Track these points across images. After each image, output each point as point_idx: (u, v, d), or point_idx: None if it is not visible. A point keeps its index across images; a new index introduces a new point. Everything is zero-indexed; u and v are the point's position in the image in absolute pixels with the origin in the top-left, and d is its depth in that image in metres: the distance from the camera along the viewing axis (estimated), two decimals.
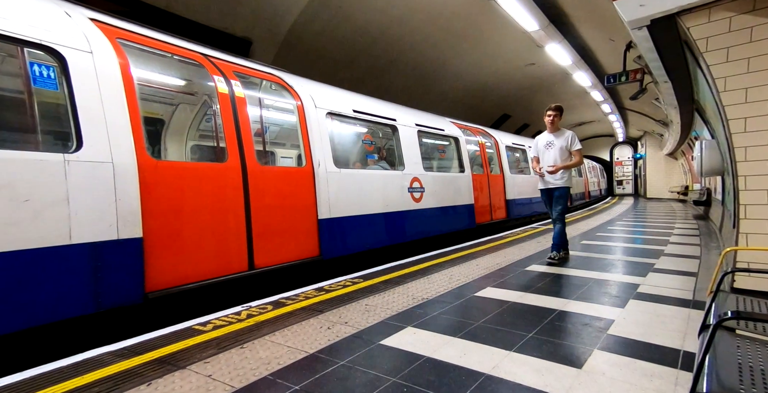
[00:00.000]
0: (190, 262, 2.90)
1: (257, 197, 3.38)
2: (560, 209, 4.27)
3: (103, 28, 2.75)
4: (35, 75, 2.36)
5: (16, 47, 2.30)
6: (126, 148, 2.58)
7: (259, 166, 3.44)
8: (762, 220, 2.84)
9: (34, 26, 2.32)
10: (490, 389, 1.68)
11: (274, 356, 2.02)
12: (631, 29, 3.65)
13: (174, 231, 2.82)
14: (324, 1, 6.54)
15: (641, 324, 2.40)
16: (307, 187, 3.88)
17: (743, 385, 1.05)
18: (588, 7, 6.73)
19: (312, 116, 4.05)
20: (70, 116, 2.40)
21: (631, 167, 25.14)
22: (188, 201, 2.91)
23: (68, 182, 2.30)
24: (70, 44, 2.46)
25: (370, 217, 4.57)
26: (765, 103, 2.78)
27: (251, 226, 3.33)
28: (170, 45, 3.18)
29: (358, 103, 4.99)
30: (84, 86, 2.45)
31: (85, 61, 2.49)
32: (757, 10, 2.75)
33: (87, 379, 1.81)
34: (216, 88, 3.27)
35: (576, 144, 4.18)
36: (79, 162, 2.36)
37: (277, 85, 4.01)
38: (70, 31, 2.51)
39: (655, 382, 1.70)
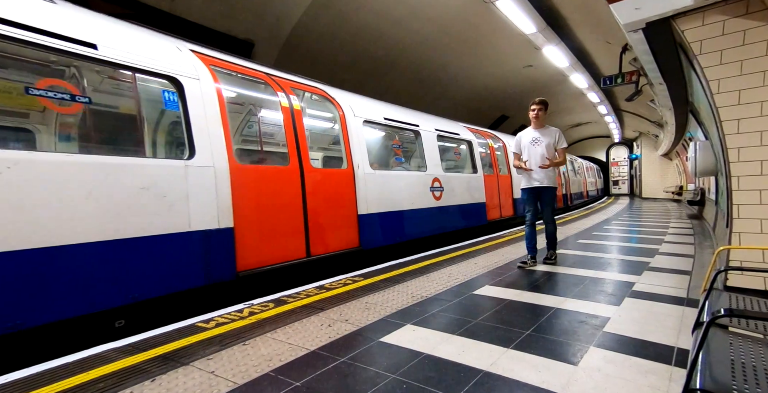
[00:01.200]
0: (265, 249, 3.41)
1: (311, 195, 3.86)
2: (551, 210, 4.06)
3: (201, 58, 3.32)
4: (166, 99, 3.00)
5: (165, 80, 2.92)
6: (222, 154, 3.11)
7: (312, 168, 3.92)
8: (754, 219, 2.85)
9: (163, 61, 2.91)
10: (488, 386, 1.68)
11: (276, 353, 2.02)
12: (627, 32, 3.66)
13: (253, 223, 3.32)
14: (325, 4, 6.54)
15: (636, 321, 2.40)
16: (349, 187, 4.35)
17: (735, 381, 1.06)
18: (585, 10, 6.74)
19: (352, 124, 4.53)
20: (185, 131, 2.95)
21: (627, 168, 25.17)
22: (262, 198, 3.41)
23: (188, 183, 2.86)
24: (185, 73, 3.03)
25: (399, 214, 5.06)
26: (758, 105, 2.79)
27: (307, 220, 3.82)
28: (244, 67, 3.73)
29: (388, 111, 5.48)
30: (195, 106, 3.01)
31: (195, 86, 3.06)
32: (750, 13, 2.76)
33: (92, 375, 1.81)
34: (279, 102, 3.82)
35: (562, 142, 4.03)
36: (193, 167, 2.91)
37: (322, 97, 4.48)
38: (184, 63, 3.08)
39: (649, 379, 1.71)
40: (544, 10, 6.78)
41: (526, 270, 3.86)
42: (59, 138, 3.00)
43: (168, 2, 5.46)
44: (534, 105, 4.00)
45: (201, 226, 2.91)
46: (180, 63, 3.03)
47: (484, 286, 3.31)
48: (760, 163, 2.81)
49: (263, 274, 3.34)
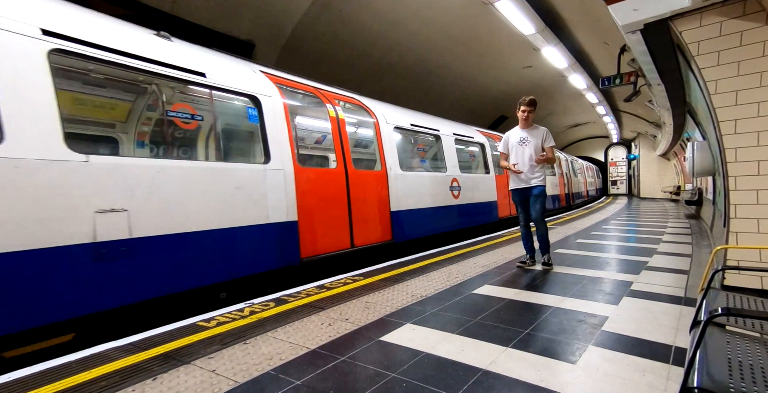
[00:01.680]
0: (320, 239, 3.95)
1: (354, 194, 4.37)
2: (540, 209, 3.88)
3: (270, 77, 3.86)
4: (249, 114, 3.55)
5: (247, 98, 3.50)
6: (288, 159, 3.64)
7: (354, 170, 4.45)
8: (751, 219, 2.86)
9: (247, 82, 3.50)
10: (487, 384, 1.68)
11: (277, 352, 2.02)
12: (625, 33, 3.66)
13: (311, 217, 3.84)
14: (325, 5, 6.54)
15: (634, 320, 2.41)
16: (383, 186, 4.87)
17: (732, 379, 1.06)
18: (583, 11, 6.74)
19: (384, 130, 5.05)
20: (262, 139, 3.51)
21: (625, 168, 25.18)
22: (316, 196, 3.92)
23: (266, 183, 3.40)
24: (262, 92, 3.58)
25: (424, 211, 5.54)
26: (755, 106, 2.79)
27: (351, 216, 4.33)
28: (299, 83, 4.25)
29: (413, 118, 6.02)
30: (269, 118, 3.56)
31: (268, 102, 3.62)
32: (747, 15, 2.77)
33: (94, 374, 1.81)
34: (327, 112, 4.36)
35: (550, 140, 3.89)
36: (270, 170, 3.45)
37: (359, 107, 4.98)
38: (260, 83, 3.65)
39: (647, 377, 1.71)
40: (543, 11, 6.78)
41: (525, 269, 3.86)
42: (182, 149, 3.71)
43: (169, 3, 5.46)
44: (524, 106, 3.85)
45: (276, 219, 3.48)
46: (257, 83, 3.63)
47: (483, 285, 3.31)
48: (757, 163, 2.82)
49: (318, 261, 3.89)
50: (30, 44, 2.27)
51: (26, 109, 2.19)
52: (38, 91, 2.27)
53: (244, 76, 3.54)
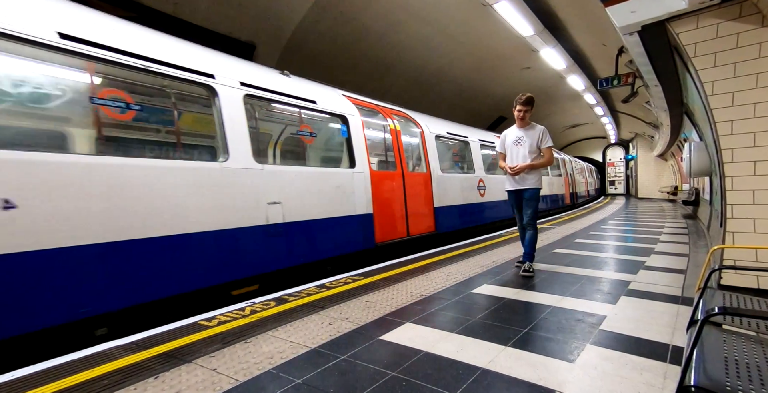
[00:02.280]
0: (386, 228, 4.90)
1: (408, 192, 5.35)
2: (532, 213, 3.68)
3: (349, 99, 4.83)
4: (342, 130, 4.54)
5: (339, 118, 4.50)
6: (366, 163, 4.63)
7: (408, 172, 5.45)
8: (748, 219, 2.86)
9: (339, 105, 4.53)
10: (486, 383, 1.68)
11: (277, 351, 2.03)
12: (623, 35, 3.67)
13: (380, 210, 4.79)
14: (325, 7, 6.54)
15: (632, 320, 2.41)
16: (428, 186, 5.83)
17: (729, 378, 1.06)
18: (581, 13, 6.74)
19: (428, 138, 6.03)
20: (348, 149, 4.53)
21: (623, 168, 25.19)
22: (384, 193, 4.90)
23: (353, 183, 4.41)
24: (348, 112, 4.59)
25: (458, 206, 6.54)
26: (751, 107, 2.79)
27: (407, 209, 5.30)
28: (368, 103, 5.25)
29: (449, 127, 7.04)
30: (353, 133, 4.56)
31: (352, 119, 4.60)
32: (743, 17, 2.77)
33: (97, 372, 1.81)
34: (388, 125, 5.42)
35: (547, 141, 3.62)
36: (355, 173, 4.47)
37: (408, 119, 5.98)
38: (346, 105, 4.64)
39: (645, 376, 1.71)
40: (542, 13, 6.79)
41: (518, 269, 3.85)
42: (305, 158, 4.76)
43: (171, 5, 5.46)
44: (520, 105, 3.62)
45: (360, 211, 4.47)
46: (345, 105, 4.63)
47: (482, 284, 3.31)
48: (753, 163, 2.82)
49: (386, 246, 4.87)
50: (236, 93, 3.31)
51: (236, 137, 3.23)
52: (240, 124, 3.28)
53: (336, 101, 4.57)
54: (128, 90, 2.78)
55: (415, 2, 6.91)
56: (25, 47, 2.23)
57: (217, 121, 3.13)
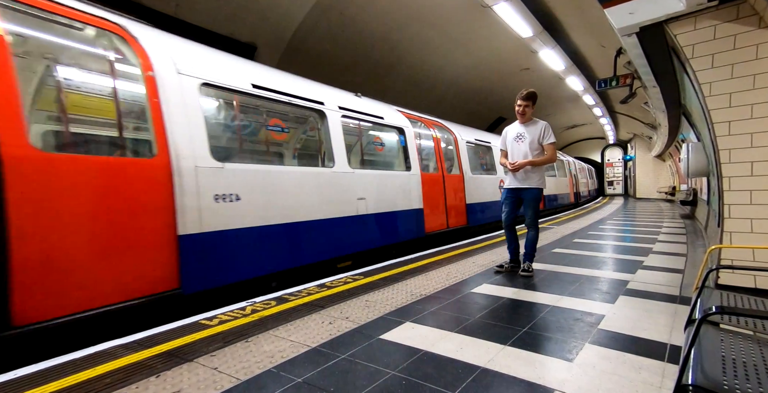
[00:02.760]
0: (432, 221, 5.85)
1: (447, 190, 6.33)
2: (533, 214, 3.55)
3: (403, 113, 5.83)
4: (400, 140, 5.54)
5: (397, 130, 5.52)
6: (418, 167, 5.62)
7: (447, 174, 6.42)
8: (745, 219, 2.86)
9: (398, 119, 5.55)
10: (485, 382, 1.69)
11: (278, 350, 2.03)
12: (621, 36, 3.67)
13: (428, 206, 5.73)
14: (326, 8, 6.54)
15: (630, 319, 2.41)
16: (461, 185, 6.81)
17: (726, 376, 1.06)
18: (580, 14, 6.75)
19: (461, 144, 7.02)
20: (404, 156, 5.54)
21: (621, 168, 25.19)
22: (430, 191, 5.84)
23: (410, 183, 5.41)
24: (404, 125, 5.59)
25: (484, 203, 7.53)
26: (748, 108, 2.80)
27: (447, 205, 6.26)
28: (414, 115, 6.23)
29: (477, 134, 8.19)
30: (409, 142, 5.58)
31: (407, 130, 5.61)
32: (740, 18, 2.78)
33: (99, 371, 1.81)
34: (431, 134, 6.39)
35: (549, 136, 3.45)
36: (411, 175, 5.47)
37: (444, 128, 6.91)
38: (402, 119, 5.66)
39: (643, 375, 1.72)
40: (541, 15, 6.79)
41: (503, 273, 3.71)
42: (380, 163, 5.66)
43: (173, 7, 5.46)
44: (520, 100, 3.48)
45: (414, 206, 5.47)
46: (401, 119, 5.67)
47: (481, 284, 3.31)
48: (750, 164, 2.83)
49: (432, 236, 5.86)
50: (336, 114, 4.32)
51: (338, 148, 4.24)
52: (340, 138, 4.28)
53: (395, 115, 5.61)
54: (281, 118, 4.05)
55: (414, 3, 6.91)
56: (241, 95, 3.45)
57: (325, 136, 4.19)
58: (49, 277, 2.14)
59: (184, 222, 2.72)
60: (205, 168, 2.90)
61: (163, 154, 2.66)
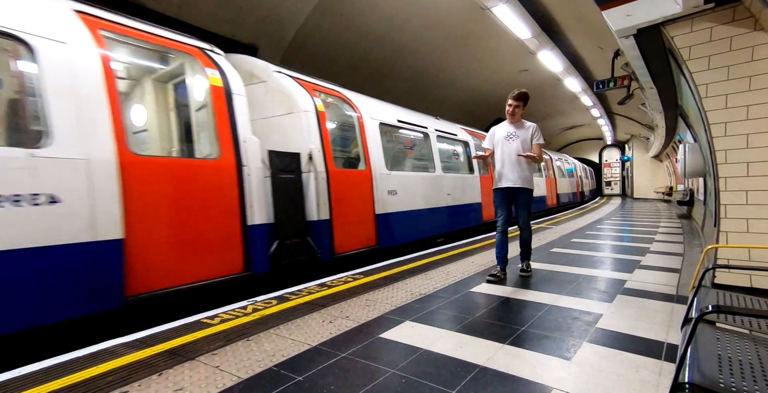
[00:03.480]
0: (486, 213, 7.62)
1: (482, 189, 7.75)
2: (527, 215, 3.51)
3: (463, 129, 7.89)
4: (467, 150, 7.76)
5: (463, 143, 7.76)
6: (478, 171, 7.70)
7: (481, 176, 7.79)
8: (741, 219, 2.87)
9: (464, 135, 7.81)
10: (484, 380, 1.69)
11: (279, 348, 2.03)
12: (619, 38, 3.67)
13: (484, 201, 7.59)
14: (327, 10, 6.55)
15: (628, 318, 2.41)
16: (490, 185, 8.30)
17: (722, 375, 1.07)
18: (578, 16, 6.75)
19: None
20: (469, 162, 7.70)
21: (619, 169, 25.19)
22: (484, 189, 7.65)
23: (474, 183, 7.51)
24: (468, 139, 7.82)
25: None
26: (744, 109, 2.80)
27: (482, 201, 7.70)
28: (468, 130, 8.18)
29: None
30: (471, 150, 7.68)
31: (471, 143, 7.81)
32: (736, 21, 2.78)
33: (102, 369, 1.81)
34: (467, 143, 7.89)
35: (539, 137, 3.44)
36: (474, 177, 7.60)
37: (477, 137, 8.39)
38: (465, 134, 7.88)
39: (640, 373, 1.72)
40: (539, 16, 6.79)
41: (516, 269, 3.79)
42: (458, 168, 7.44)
43: (176, 8, 5.46)
44: (512, 100, 3.42)
45: (476, 201, 7.41)
46: (465, 134, 7.75)
47: (480, 283, 3.31)
48: (746, 164, 2.83)
49: (483, 225, 7.58)
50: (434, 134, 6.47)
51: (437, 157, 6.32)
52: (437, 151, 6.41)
53: (462, 132, 7.69)
54: (410, 140, 6.18)
55: (414, 5, 6.91)
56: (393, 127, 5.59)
57: (428, 149, 6.26)
58: (343, 228, 4.23)
59: (376, 206, 4.69)
60: (384, 174, 4.90)
61: (368, 166, 4.71)
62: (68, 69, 2.29)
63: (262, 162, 3.36)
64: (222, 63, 3.28)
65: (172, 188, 2.73)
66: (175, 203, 2.74)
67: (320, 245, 3.91)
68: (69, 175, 2.22)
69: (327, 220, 3.98)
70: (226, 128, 3.09)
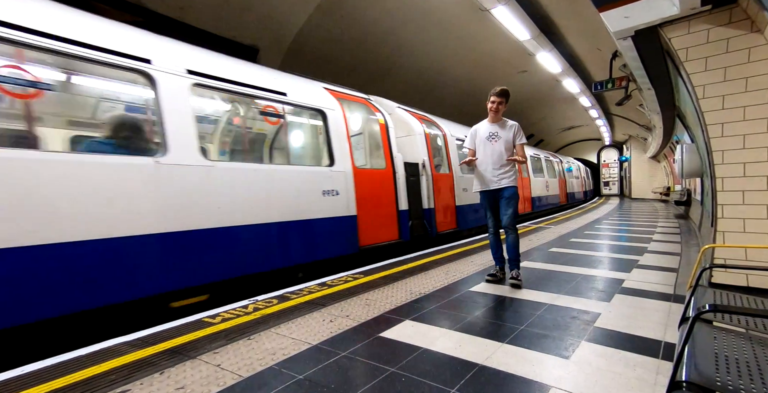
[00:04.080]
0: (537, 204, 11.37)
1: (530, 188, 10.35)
2: (512, 214, 3.26)
3: None
4: None
5: None
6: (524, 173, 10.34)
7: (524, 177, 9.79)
8: (738, 219, 2.87)
9: None
10: (483, 379, 1.69)
11: (280, 347, 2.03)
12: (617, 39, 3.68)
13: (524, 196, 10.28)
14: (327, 11, 6.55)
15: (626, 317, 2.41)
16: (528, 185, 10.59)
17: (719, 373, 1.07)
18: (577, 18, 6.76)
19: None
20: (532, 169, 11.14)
21: (617, 169, 25.18)
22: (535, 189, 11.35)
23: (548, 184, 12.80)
24: None
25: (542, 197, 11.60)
26: (740, 110, 2.80)
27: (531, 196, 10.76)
28: None
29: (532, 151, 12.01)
30: None
31: None
32: (732, 22, 2.78)
33: (104, 368, 1.82)
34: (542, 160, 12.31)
35: (521, 137, 3.32)
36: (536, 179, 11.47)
37: None
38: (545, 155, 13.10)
39: (638, 371, 1.72)
40: (538, 18, 6.80)
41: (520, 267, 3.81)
42: None
43: (178, 11, 5.46)
44: (495, 96, 3.30)
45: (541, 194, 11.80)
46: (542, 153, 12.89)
47: (480, 283, 3.31)
48: (743, 165, 2.83)
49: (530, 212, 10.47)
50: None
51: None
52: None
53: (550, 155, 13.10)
54: None
55: (414, 7, 6.92)
56: None
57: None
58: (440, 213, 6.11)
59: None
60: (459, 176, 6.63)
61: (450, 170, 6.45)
62: (338, 125, 4.37)
63: (404, 170, 5.27)
64: (377, 105, 5.54)
65: (370, 186, 4.63)
66: (372, 195, 4.65)
67: (430, 225, 5.75)
68: (341, 180, 4.25)
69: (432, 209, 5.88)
70: (387, 149, 5.17)
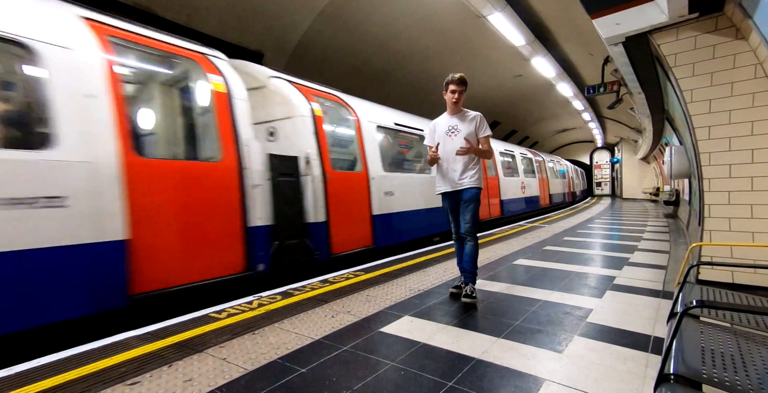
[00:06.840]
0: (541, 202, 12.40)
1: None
2: (471, 219, 2.71)
3: (527, 150, 12.40)
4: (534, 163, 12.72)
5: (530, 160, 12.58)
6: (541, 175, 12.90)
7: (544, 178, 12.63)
8: (724, 218, 2.88)
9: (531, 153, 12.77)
10: (480, 372, 1.70)
11: (283, 342, 2.04)
12: (609, 45, 3.69)
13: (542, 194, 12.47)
14: (329, 17, 6.56)
15: (617, 312, 2.43)
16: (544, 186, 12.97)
17: (705, 366, 1.08)
18: (570, 24, 6.77)
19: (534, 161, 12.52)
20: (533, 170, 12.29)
21: (609, 170, 25.20)
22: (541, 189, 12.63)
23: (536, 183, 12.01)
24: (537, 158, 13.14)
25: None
26: (726, 114, 2.82)
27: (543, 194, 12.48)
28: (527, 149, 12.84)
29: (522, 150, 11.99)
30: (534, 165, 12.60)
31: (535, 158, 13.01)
32: (719, 30, 2.80)
33: (115, 360, 1.82)
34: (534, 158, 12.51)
35: (486, 129, 2.80)
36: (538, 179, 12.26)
37: (533, 154, 12.00)
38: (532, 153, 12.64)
39: (628, 365, 1.73)
40: (533, 24, 6.81)
41: (515, 265, 3.85)
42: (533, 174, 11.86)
43: (185, 16, 5.47)
44: (454, 85, 2.71)
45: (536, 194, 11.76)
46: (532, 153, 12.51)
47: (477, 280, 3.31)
48: (728, 166, 2.84)
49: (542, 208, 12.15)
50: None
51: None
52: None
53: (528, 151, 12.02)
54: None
55: (414, 13, 6.93)
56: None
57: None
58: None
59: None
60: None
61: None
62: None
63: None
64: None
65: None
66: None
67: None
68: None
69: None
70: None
